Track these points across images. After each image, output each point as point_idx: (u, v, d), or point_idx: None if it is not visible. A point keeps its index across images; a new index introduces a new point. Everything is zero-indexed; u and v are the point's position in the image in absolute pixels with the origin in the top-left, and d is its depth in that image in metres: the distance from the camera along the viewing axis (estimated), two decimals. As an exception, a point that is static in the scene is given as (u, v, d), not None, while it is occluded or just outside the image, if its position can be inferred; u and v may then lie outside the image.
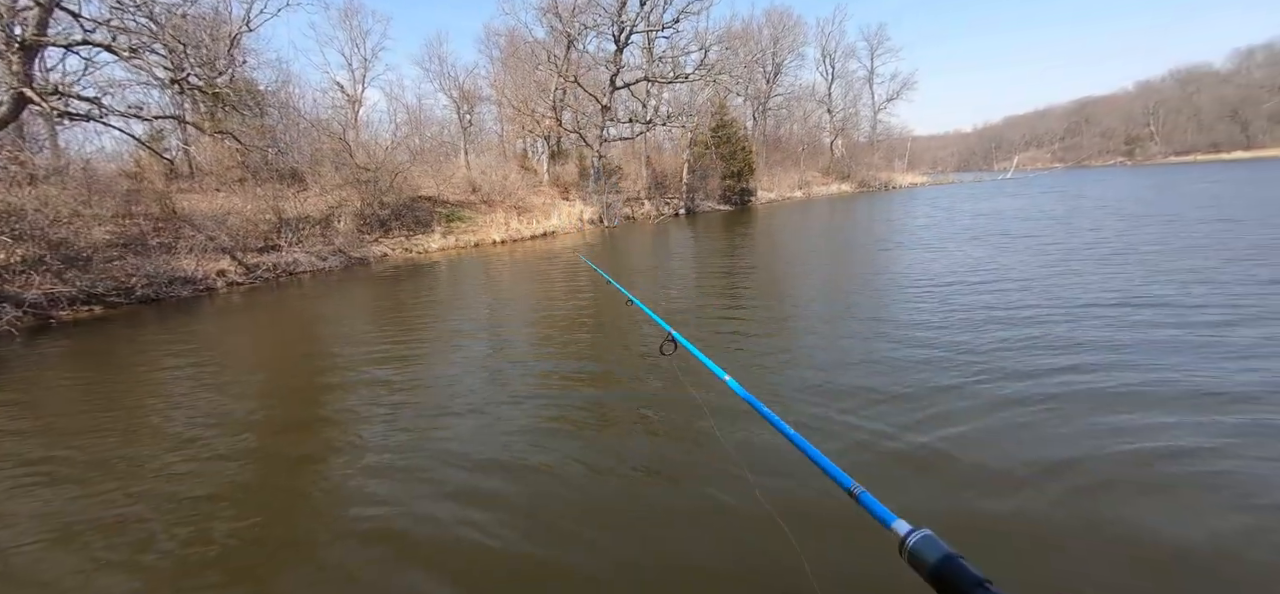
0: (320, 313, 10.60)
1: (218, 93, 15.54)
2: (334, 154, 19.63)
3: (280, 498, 3.59)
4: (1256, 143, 68.35)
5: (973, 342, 5.52)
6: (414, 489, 3.54)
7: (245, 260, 14.87)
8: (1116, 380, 4.31)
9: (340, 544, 3.06)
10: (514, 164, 29.29)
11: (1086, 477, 3.14)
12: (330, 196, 18.74)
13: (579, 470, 3.62)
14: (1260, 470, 3.09)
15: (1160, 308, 6.15)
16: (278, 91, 21.27)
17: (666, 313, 8.03)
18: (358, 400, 5.28)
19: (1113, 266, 8.59)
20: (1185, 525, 2.72)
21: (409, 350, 6.97)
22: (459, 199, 24.00)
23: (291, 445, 4.39)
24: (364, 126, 27.48)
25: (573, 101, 30.67)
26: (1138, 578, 2.45)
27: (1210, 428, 3.53)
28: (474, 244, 20.78)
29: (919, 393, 4.37)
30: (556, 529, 3.05)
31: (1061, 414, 3.84)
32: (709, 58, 31.12)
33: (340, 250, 16.99)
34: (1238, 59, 78.40)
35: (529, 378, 5.57)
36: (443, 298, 10.84)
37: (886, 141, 60.99)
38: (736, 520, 2.98)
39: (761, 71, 47.04)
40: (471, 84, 34.26)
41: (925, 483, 3.21)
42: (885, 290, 8.42)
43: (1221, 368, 4.42)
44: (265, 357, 7.74)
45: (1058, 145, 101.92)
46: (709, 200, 33.68)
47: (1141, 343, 5.11)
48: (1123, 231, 12.36)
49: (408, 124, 27.81)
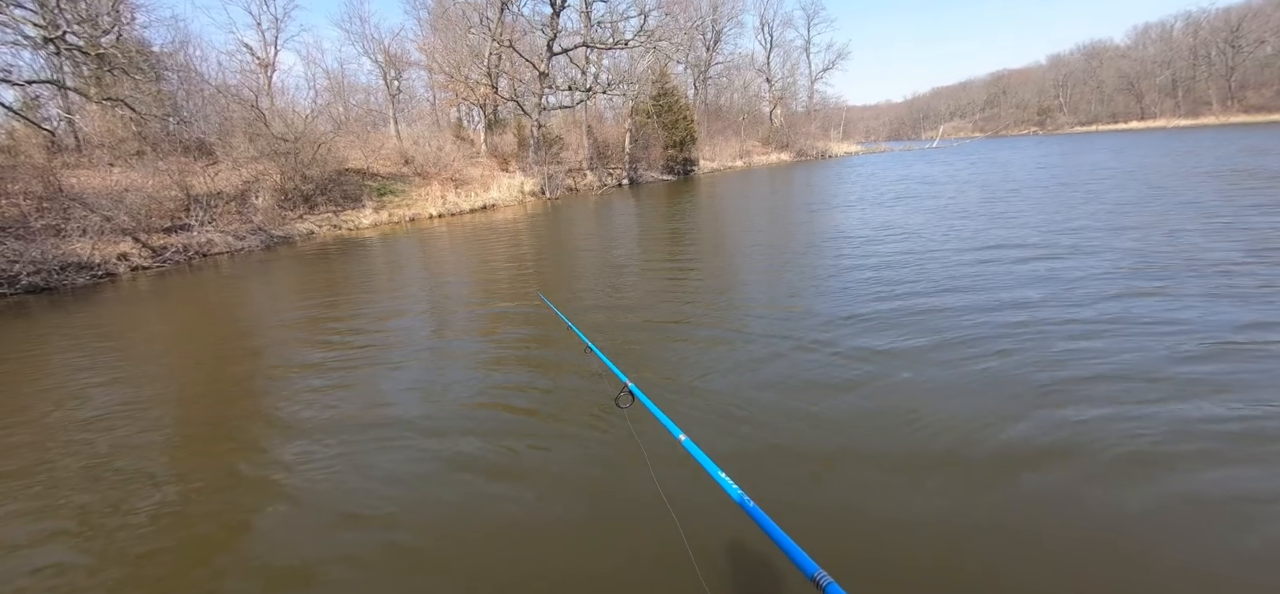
0: (239, 297, 9.89)
1: (103, 54, 13.93)
2: (246, 123, 18.11)
3: (194, 507, 3.36)
4: (1149, 114, 74.76)
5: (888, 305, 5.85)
6: (342, 509, 3.40)
7: (150, 242, 13.61)
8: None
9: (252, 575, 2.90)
10: (448, 134, 28.04)
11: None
12: (245, 170, 17.35)
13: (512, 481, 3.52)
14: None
15: (1002, 249, 6.75)
16: (175, 53, 19.30)
17: (613, 294, 8.01)
18: (281, 394, 4.99)
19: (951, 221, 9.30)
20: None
21: (339, 336, 6.63)
22: (391, 172, 22.82)
23: (207, 444, 4.11)
24: (279, 93, 25.46)
25: (509, 68, 29.54)
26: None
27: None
28: (409, 219, 19.88)
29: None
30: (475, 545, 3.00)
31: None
32: (648, 24, 30.66)
33: (260, 228, 15.84)
34: (1135, 35, 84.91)
35: (471, 375, 5.43)
36: (377, 276, 10.34)
37: (823, 111, 62.55)
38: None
39: (701, 39, 46.87)
40: (398, 48, 32.34)
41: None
42: (825, 257, 8.74)
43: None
44: (178, 346, 7.16)
45: (979, 115, 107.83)
46: (652, 170, 33.56)
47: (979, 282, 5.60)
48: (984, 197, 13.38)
49: (330, 91, 25.97)
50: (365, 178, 21.25)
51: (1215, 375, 3.85)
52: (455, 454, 3.64)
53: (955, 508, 2.78)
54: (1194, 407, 3.48)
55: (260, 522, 3.11)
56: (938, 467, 3.10)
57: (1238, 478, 2.84)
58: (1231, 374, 3.85)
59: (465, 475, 3.39)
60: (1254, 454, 3.01)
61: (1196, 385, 3.73)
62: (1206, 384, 3.73)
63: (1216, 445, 3.10)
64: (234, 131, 18.08)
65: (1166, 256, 6.99)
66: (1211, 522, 2.58)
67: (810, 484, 3.07)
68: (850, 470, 3.15)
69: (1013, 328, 4.98)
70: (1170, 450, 3.07)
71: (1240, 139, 29.13)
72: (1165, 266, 6.53)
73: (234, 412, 4.67)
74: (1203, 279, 5.94)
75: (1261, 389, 3.62)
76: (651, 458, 2.79)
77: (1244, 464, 2.94)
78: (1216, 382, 3.76)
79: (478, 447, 3.71)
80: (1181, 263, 6.63)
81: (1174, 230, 8.45)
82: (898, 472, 3.09)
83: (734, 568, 2.50)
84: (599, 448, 3.57)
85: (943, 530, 2.64)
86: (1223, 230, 8.16)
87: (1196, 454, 3.03)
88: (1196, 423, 3.31)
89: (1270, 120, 52.30)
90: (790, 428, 3.62)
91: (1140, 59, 79.71)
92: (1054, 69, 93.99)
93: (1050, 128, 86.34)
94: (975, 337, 4.84)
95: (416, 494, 3.24)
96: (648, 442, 3.11)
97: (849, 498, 2.93)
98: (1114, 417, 3.43)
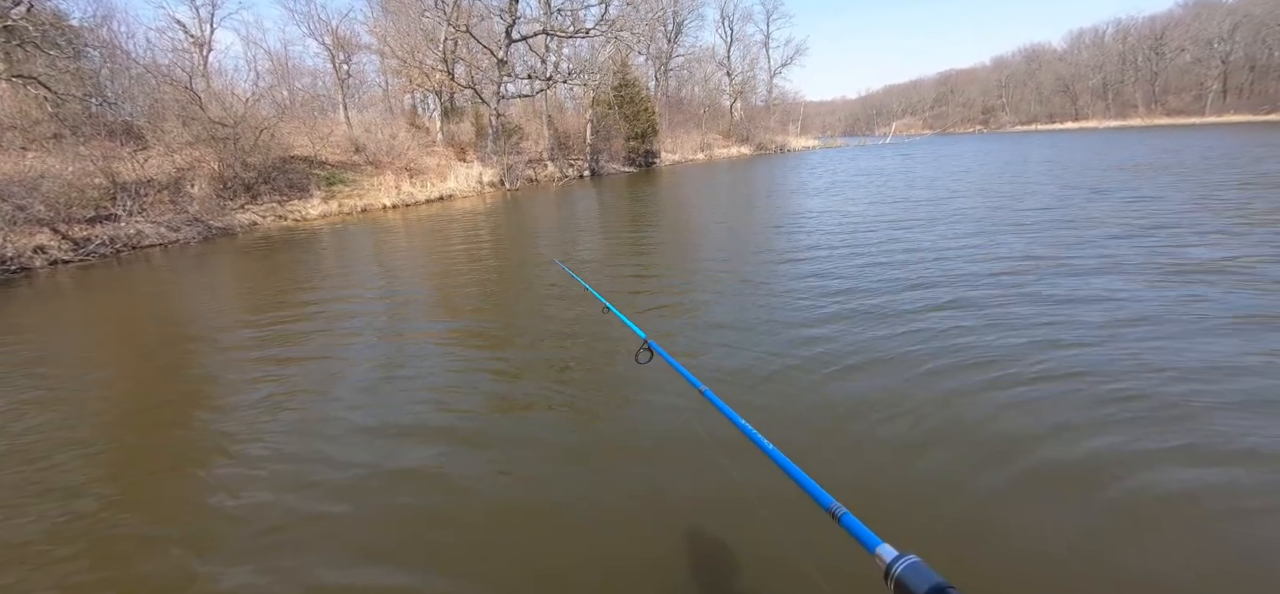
0: (174, 292, 9.23)
1: (11, 26, 12.69)
2: (180, 106, 16.88)
3: (119, 523, 3.07)
4: (1083, 114, 79.33)
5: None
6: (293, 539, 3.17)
7: (71, 234, 12.55)
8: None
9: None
10: (402, 121, 27.03)
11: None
12: (179, 156, 16.22)
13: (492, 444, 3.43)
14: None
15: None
16: (97, 28, 17.80)
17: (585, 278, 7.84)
18: (221, 407, 4.65)
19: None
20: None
21: (287, 332, 6.25)
22: (340, 160, 21.82)
23: (137, 468, 3.77)
24: (216, 75, 23.88)
25: (466, 54, 28.62)
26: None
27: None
28: (361, 209, 19.07)
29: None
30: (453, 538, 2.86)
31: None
32: (610, 12, 30.27)
33: (197, 219, 14.86)
34: (1071, 40, 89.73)
35: (432, 353, 5.20)
36: (326, 268, 9.83)
37: (782, 105, 63.58)
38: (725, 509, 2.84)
39: (663, 30, 46.70)
40: (348, 30, 30.82)
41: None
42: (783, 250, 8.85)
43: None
44: (101, 349, 6.60)
45: (928, 113, 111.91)
46: (614, 162, 33.30)
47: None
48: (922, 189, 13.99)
49: (273, 73, 24.59)
50: (313, 166, 20.24)
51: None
52: (408, 468, 3.46)
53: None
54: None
55: (199, 566, 2.84)
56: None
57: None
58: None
59: (420, 483, 3.22)
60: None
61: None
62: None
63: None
64: (166, 115, 16.82)
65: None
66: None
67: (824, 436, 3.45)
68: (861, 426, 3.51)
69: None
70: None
71: (1150, 140, 31.26)
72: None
73: (170, 427, 4.32)
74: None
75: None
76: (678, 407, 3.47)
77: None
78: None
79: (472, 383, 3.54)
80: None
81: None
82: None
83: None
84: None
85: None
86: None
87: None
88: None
89: (1188, 123, 56.43)
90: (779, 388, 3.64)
91: (1075, 63, 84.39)
92: (997, 70, 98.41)
93: (994, 126, 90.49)
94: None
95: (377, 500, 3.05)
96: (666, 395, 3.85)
97: (862, 444, 3.35)
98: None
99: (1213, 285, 5.59)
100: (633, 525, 2.81)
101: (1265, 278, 5.73)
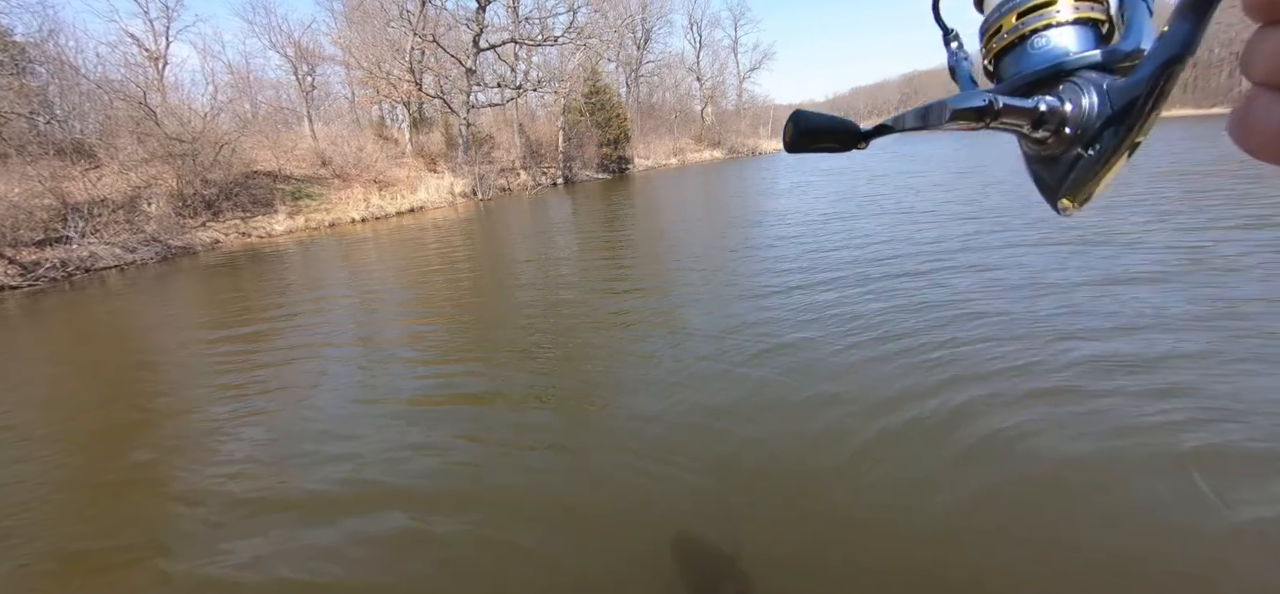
0: (129, 318, 8.87)
1: (-50, 44, 12.13)
2: (134, 122, 16.31)
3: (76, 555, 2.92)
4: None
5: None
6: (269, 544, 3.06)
7: (19, 258, 12.00)
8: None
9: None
10: (370, 133, 26.56)
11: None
12: (134, 174, 15.66)
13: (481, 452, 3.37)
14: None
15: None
16: (43, 43, 17.09)
17: (557, 287, 7.80)
18: (179, 444, 4.48)
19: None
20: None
21: (249, 352, 6.06)
22: (306, 174, 21.31)
23: (93, 513, 3.61)
24: (173, 89, 23.13)
25: (434, 63, 28.30)
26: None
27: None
28: (329, 224, 18.66)
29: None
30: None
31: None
32: (578, 20, 30.31)
33: (155, 239, 14.36)
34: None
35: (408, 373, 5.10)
36: (295, 288, 9.57)
37: (752, 109, 64.34)
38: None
39: (632, 37, 46.91)
40: (311, 41, 30.21)
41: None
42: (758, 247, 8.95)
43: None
44: (52, 383, 6.30)
45: (893, 114, 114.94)
46: (587, 169, 33.26)
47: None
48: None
49: (233, 86, 23.95)
50: (277, 181, 19.73)
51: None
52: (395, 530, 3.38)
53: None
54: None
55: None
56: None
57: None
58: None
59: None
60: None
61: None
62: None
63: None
64: (119, 132, 16.23)
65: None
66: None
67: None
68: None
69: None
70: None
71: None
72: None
73: (122, 451, 4.14)
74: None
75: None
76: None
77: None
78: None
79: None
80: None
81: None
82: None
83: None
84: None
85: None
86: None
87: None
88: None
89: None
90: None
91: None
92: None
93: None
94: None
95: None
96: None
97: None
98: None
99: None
100: (624, 526, 2.80)
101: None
